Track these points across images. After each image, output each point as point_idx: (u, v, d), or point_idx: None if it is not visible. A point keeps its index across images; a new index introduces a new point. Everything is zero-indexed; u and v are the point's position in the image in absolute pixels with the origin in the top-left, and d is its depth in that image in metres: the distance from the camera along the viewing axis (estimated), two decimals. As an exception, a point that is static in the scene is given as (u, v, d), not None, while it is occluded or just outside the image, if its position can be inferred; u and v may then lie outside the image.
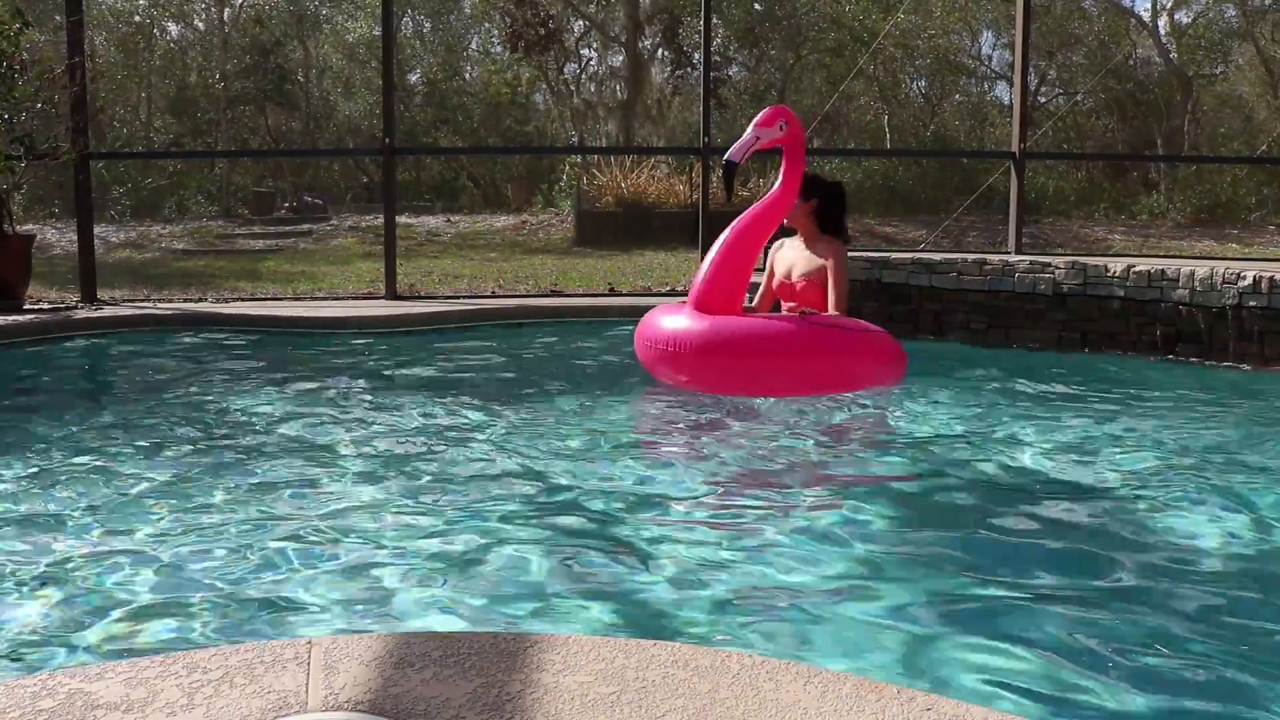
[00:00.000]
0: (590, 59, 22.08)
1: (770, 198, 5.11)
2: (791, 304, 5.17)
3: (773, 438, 3.99)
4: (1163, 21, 21.05)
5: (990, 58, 22.25)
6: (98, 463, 3.49)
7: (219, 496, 3.10)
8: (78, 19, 7.68)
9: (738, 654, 1.58)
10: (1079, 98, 20.33)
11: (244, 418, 4.18)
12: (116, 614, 2.27)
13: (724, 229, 5.09)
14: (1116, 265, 6.25)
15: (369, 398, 4.63)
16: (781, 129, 4.94)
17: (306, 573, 2.51)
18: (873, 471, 3.52)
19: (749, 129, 4.97)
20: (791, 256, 5.26)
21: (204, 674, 1.49)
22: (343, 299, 8.43)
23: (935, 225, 14.08)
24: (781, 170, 5.11)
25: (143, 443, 3.76)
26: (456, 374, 5.47)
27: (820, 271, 5.09)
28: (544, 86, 22.29)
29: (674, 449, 3.98)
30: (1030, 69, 12.84)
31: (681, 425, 4.38)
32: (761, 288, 5.40)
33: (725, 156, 4.94)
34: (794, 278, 5.18)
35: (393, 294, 8.18)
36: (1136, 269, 6.11)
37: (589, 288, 9.18)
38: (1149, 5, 21.27)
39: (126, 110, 20.85)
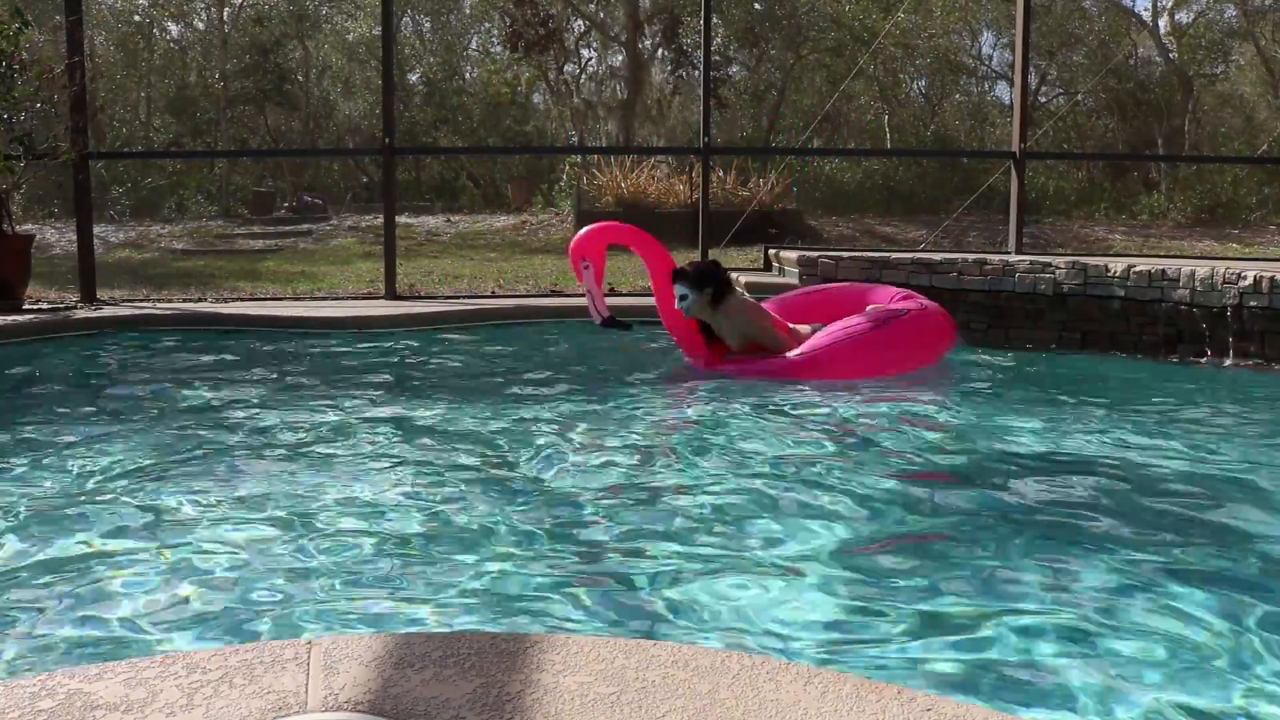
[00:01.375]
0: (590, 59, 22.09)
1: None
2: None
3: (771, 436, 3.99)
4: (1163, 21, 21.04)
5: (990, 57, 22.24)
6: (96, 462, 3.49)
7: (218, 496, 3.10)
8: (77, 19, 7.68)
9: (738, 654, 1.58)
10: (1079, 98, 20.31)
11: (243, 418, 4.18)
12: (115, 614, 2.27)
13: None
14: (1117, 265, 6.25)
15: (369, 398, 4.62)
16: (586, 268, 5.23)
17: (306, 572, 2.50)
18: (870, 469, 3.52)
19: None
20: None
21: (203, 674, 1.48)
22: (343, 299, 8.42)
23: (935, 225, 14.07)
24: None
25: (141, 442, 3.75)
26: (456, 374, 5.47)
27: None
28: (544, 86, 22.28)
29: (673, 447, 3.97)
30: (1030, 69, 12.82)
31: (681, 422, 4.37)
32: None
33: (598, 321, 5.27)
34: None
35: (393, 294, 8.17)
36: (1137, 269, 6.11)
37: (589, 288, 9.15)
38: (1149, 5, 21.26)
39: (126, 110, 20.84)
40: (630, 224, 5.71)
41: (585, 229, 5.35)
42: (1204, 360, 5.77)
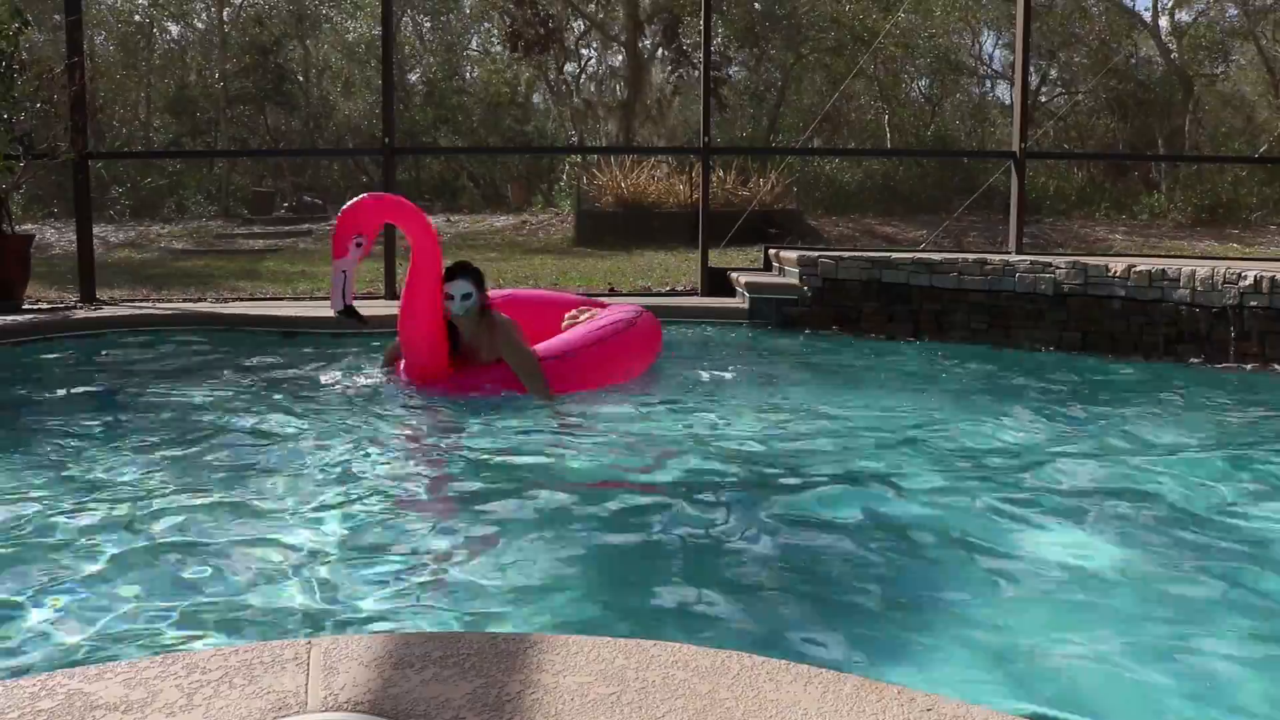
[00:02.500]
0: (590, 59, 22.09)
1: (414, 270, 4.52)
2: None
3: (769, 434, 3.99)
4: (1164, 21, 21.07)
5: (991, 57, 22.26)
6: (95, 463, 3.49)
7: (218, 496, 3.09)
8: (77, 19, 7.67)
9: (738, 654, 1.57)
10: (1080, 97, 20.32)
11: (242, 418, 4.18)
12: (114, 614, 2.27)
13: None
14: (1117, 265, 6.25)
15: (367, 397, 4.62)
16: (358, 245, 4.36)
17: (306, 573, 2.50)
18: (865, 467, 3.52)
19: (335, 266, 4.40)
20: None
21: (203, 674, 1.48)
22: (343, 299, 8.41)
23: (935, 225, 14.08)
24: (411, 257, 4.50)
25: (140, 443, 3.75)
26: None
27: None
28: (544, 86, 22.28)
29: (671, 449, 3.97)
30: (1031, 68, 12.81)
31: (674, 423, 4.37)
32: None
33: (334, 309, 4.45)
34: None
35: (392, 294, 8.17)
36: (1137, 269, 6.11)
37: (589, 288, 9.17)
38: (1150, 5, 21.27)
39: (126, 110, 20.83)
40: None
41: (363, 197, 4.48)
42: (1203, 360, 5.77)
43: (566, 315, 5.29)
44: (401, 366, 4.74)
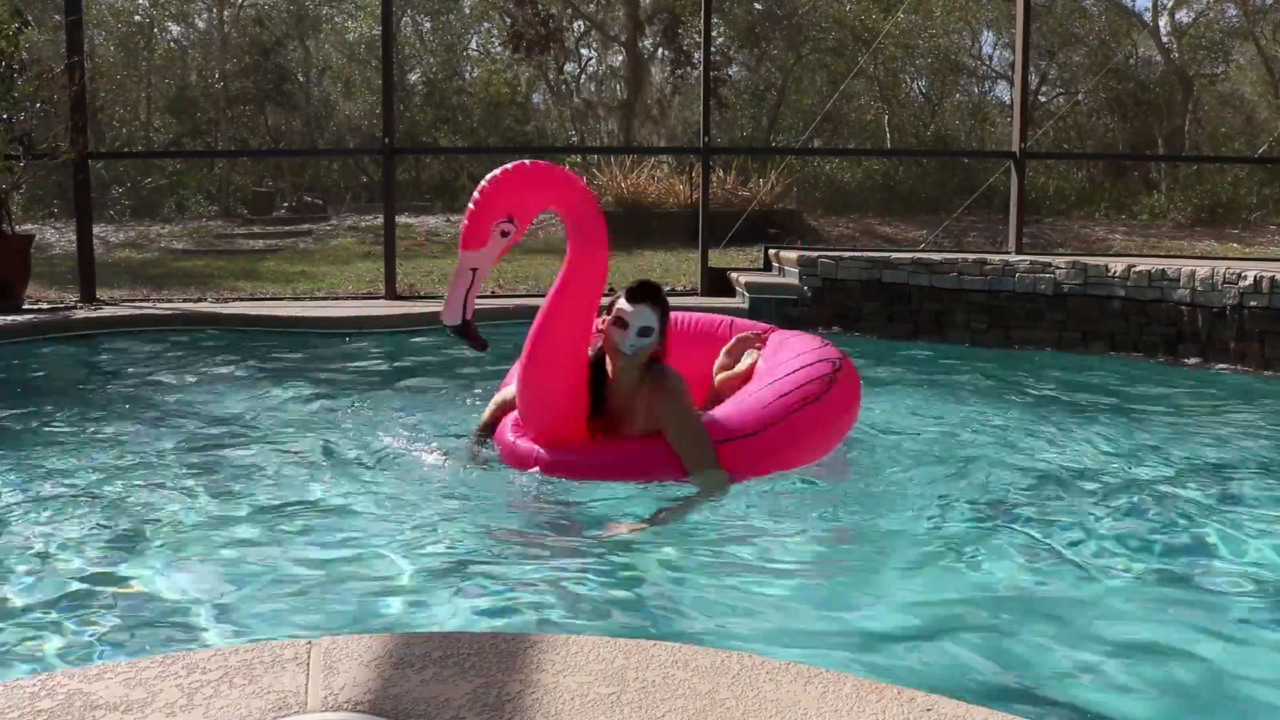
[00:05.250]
0: (590, 59, 22.09)
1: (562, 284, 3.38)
2: None
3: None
4: (1164, 21, 21.05)
5: (990, 57, 22.25)
6: (94, 463, 3.49)
7: (218, 496, 3.10)
8: (77, 19, 7.67)
9: (738, 654, 1.57)
10: (1079, 97, 20.32)
11: (242, 418, 4.18)
12: (114, 613, 2.27)
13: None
14: (1117, 265, 6.25)
15: (368, 398, 4.62)
16: (504, 233, 3.26)
17: (306, 572, 2.50)
18: (865, 468, 3.52)
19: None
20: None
21: (203, 674, 1.48)
22: (342, 299, 8.42)
23: (935, 225, 14.07)
24: (568, 252, 3.39)
25: (140, 443, 3.75)
26: (455, 374, 5.46)
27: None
28: (544, 86, 22.28)
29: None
30: (1031, 68, 12.81)
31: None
32: None
33: (445, 321, 3.26)
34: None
35: (393, 294, 8.17)
36: (1137, 269, 6.11)
37: (589, 287, 9.14)
38: (1149, 5, 21.26)
39: (126, 110, 20.82)
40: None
41: (522, 164, 3.25)
42: (1203, 360, 5.77)
43: (722, 351, 3.78)
44: (508, 427, 3.32)
